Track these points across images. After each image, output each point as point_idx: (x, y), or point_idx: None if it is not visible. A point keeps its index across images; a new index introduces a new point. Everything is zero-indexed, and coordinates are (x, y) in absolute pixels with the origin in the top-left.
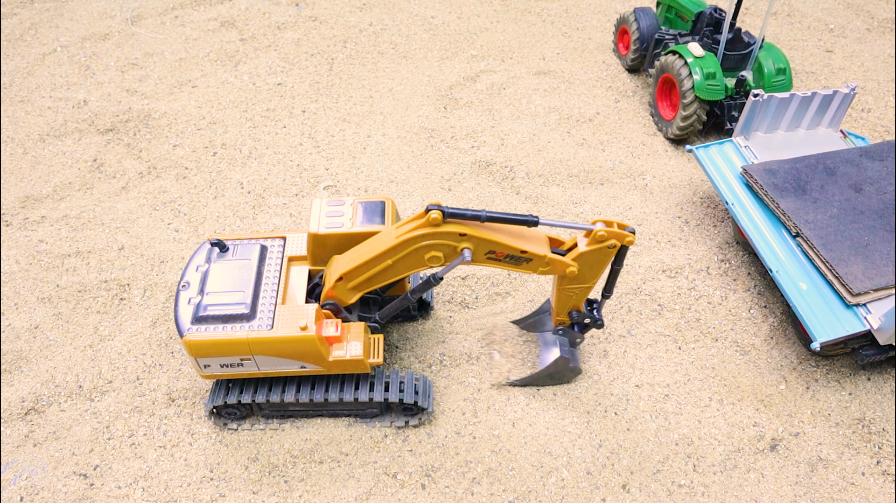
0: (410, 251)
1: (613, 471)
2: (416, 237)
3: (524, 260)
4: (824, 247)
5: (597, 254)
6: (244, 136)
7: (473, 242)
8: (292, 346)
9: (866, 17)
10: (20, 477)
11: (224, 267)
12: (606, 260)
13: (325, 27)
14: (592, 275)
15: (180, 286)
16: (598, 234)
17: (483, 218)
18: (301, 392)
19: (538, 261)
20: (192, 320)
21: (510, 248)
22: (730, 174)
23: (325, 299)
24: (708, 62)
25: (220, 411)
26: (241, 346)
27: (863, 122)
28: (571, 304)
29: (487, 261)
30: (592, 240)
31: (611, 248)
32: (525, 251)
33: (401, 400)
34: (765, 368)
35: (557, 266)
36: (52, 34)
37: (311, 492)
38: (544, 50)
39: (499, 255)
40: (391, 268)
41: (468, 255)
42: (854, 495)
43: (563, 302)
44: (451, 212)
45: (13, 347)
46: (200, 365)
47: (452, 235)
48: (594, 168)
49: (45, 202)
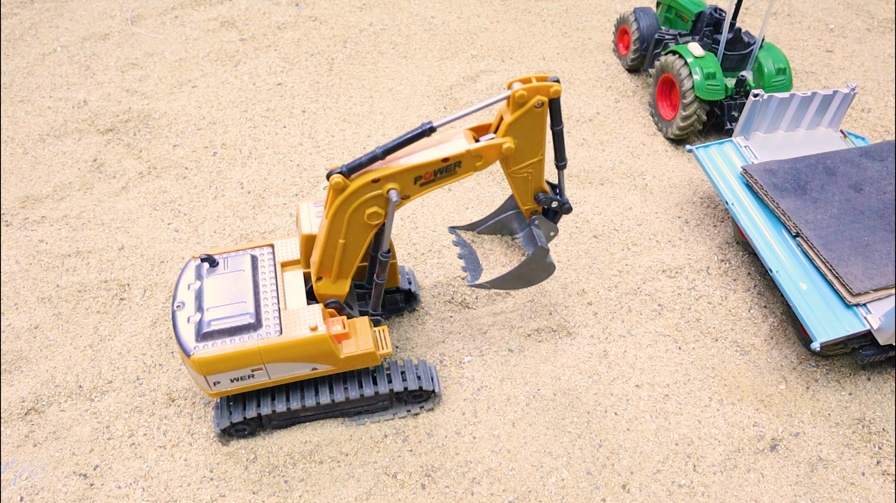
0: (347, 221)
1: (613, 471)
2: (338, 206)
3: (453, 166)
4: (824, 247)
5: (527, 120)
6: (244, 136)
7: (392, 180)
8: (305, 349)
9: (866, 17)
10: (20, 477)
11: (218, 281)
12: (540, 122)
13: (325, 27)
14: (535, 145)
15: (175, 307)
16: (517, 94)
17: (380, 154)
18: (313, 396)
19: (468, 159)
20: (197, 338)
21: (430, 164)
22: (730, 174)
23: (323, 299)
24: (708, 62)
25: (230, 430)
26: (252, 357)
27: (863, 122)
28: (533, 187)
29: (423, 189)
30: (514, 104)
31: (539, 108)
32: (447, 157)
33: (406, 388)
34: (765, 368)
35: (491, 151)
36: (52, 34)
37: (311, 492)
38: (544, 50)
39: (428, 177)
40: (348, 245)
41: (395, 195)
42: (854, 495)
43: (522, 188)
44: (350, 166)
45: (13, 347)
46: (209, 383)
47: (367, 186)
48: (594, 168)
49: (45, 202)
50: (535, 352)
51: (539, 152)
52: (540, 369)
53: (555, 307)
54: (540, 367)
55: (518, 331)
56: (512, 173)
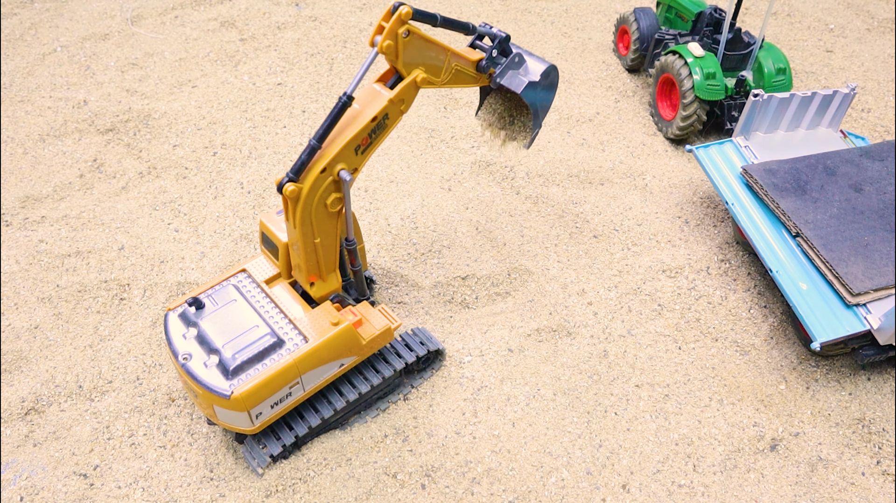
0: (314, 219)
1: (613, 471)
2: (302, 211)
3: (381, 121)
4: (824, 247)
5: (410, 49)
6: (244, 136)
7: (336, 161)
8: (335, 346)
9: (866, 17)
10: (20, 477)
11: (217, 318)
12: (422, 42)
13: (325, 27)
14: (436, 55)
15: (182, 360)
16: (384, 46)
17: (315, 144)
18: (338, 398)
19: (392, 108)
20: (227, 377)
21: (362, 129)
22: (730, 174)
23: (323, 299)
24: (708, 62)
25: (276, 459)
26: (290, 371)
27: (863, 122)
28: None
29: (365, 156)
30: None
31: (407, 37)
32: (374, 116)
33: (417, 357)
34: (765, 368)
35: (409, 91)
36: (52, 34)
37: (311, 492)
38: (544, 50)
39: (365, 142)
40: (324, 241)
41: (346, 175)
42: (854, 495)
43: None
44: (295, 169)
45: (13, 347)
46: (252, 417)
47: (318, 179)
48: (594, 168)
49: (45, 202)
50: (535, 352)
51: (444, 56)
52: (540, 369)
53: (555, 307)
54: (540, 367)
55: (518, 331)
56: (445, 84)
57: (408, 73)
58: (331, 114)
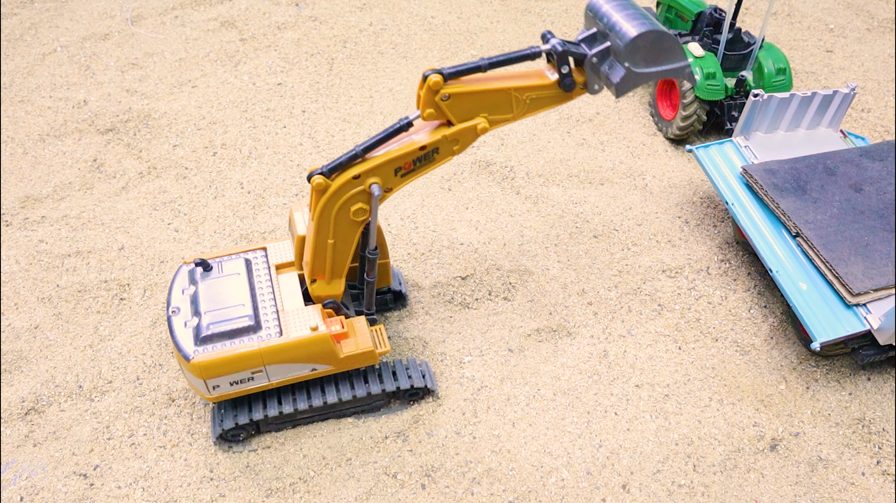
0: (333, 220)
1: (613, 471)
2: (323, 206)
3: (431, 152)
4: (824, 247)
5: (458, 107)
6: (244, 136)
7: (373, 174)
8: (306, 349)
9: (866, 17)
10: (20, 477)
11: (214, 285)
12: (469, 96)
13: (325, 27)
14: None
15: (170, 312)
16: (425, 115)
17: (359, 152)
18: (306, 399)
19: (444, 144)
20: (196, 342)
21: (408, 154)
22: (730, 174)
23: (319, 300)
24: (708, 62)
25: (228, 434)
26: (253, 359)
27: (863, 122)
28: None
29: (404, 179)
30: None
31: (446, 100)
32: (424, 145)
33: (398, 387)
34: (765, 368)
35: (466, 134)
36: (52, 34)
37: (311, 492)
38: None
39: (408, 167)
40: (337, 245)
41: (377, 190)
42: (854, 495)
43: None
44: (331, 166)
45: (13, 347)
46: (209, 387)
47: (348, 184)
48: (594, 168)
49: (45, 202)
50: (535, 352)
51: (506, 96)
52: (540, 369)
53: (555, 307)
54: (540, 367)
55: (518, 331)
56: (526, 114)
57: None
58: (385, 130)
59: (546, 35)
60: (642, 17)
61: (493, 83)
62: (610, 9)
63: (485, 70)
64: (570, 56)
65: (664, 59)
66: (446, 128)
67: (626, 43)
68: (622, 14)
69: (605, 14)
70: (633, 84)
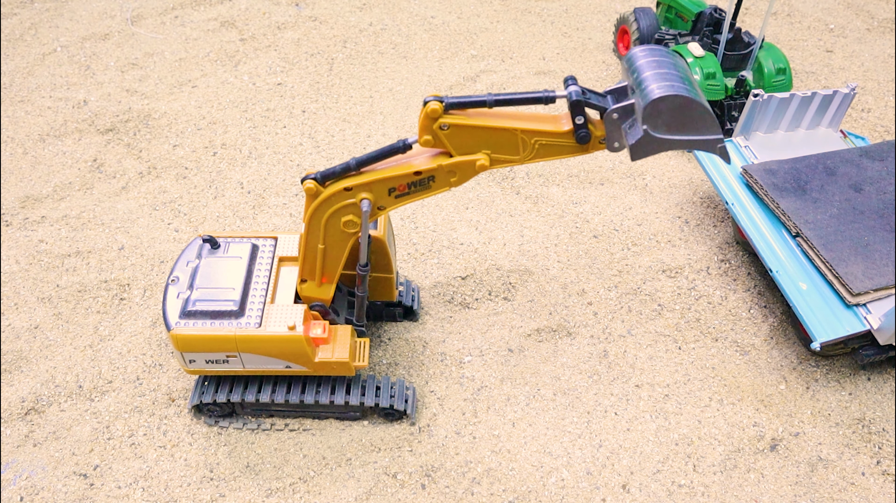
0: (324, 228)
1: (613, 471)
2: (313, 212)
3: (427, 180)
4: (824, 247)
5: (456, 138)
6: (244, 136)
7: (366, 189)
8: (279, 346)
9: (866, 17)
10: (20, 477)
11: (214, 263)
12: (469, 132)
13: (325, 27)
14: (496, 140)
15: (169, 280)
16: (422, 142)
17: (353, 165)
18: (282, 393)
19: (441, 174)
20: (180, 314)
21: (402, 176)
22: (730, 174)
23: (308, 301)
24: (708, 62)
25: (203, 408)
26: (227, 343)
27: (863, 122)
28: (564, 142)
29: (398, 201)
30: (436, 144)
31: (445, 129)
32: (420, 171)
33: (377, 404)
34: (765, 368)
35: (465, 168)
36: (52, 34)
37: (311, 492)
38: (544, 50)
39: (402, 189)
40: (328, 251)
41: (366, 205)
42: (854, 495)
43: (559, 151)
44: (324, 173)
45: (13, 347)
46: (185, 360)
47: (340, 195)
48: (594, 168)
49: (45, 202)
50: (535, 352)
51: (513, 136)
52: (540, 369)
53: (555, 307)
54: (540, 367)
55: (518, 331)
56: (533, 159)
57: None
58: (382, 148)
59: (568, 80)
60: (676, 78)
61: (497, 120)
62: (644, 63)
63: (490, 106)
64: (589, 107)
65: (691, 129)
66: (446, 157)
67: (646, 104)
68: (654, 72)
69: (638, 68)
70: (651, 150)
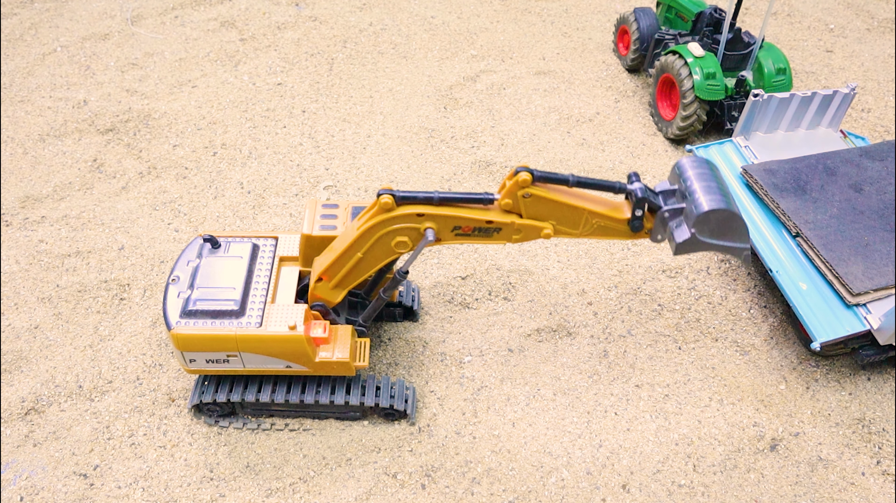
0: (375, 240)
1: (613, 471)
2: (374, 225)
3: (493, 230)
4: (824, 247)
5: (533, 208)
6: (244, 136)
7: (434, 220)
8: (279, 345)
9: (866, 17)
10: (20, 477)
11: (215, 263)
12: (546, 202)
13: (325, 27)
14: (565, 214)
15: (170, 280)
16: (502, 204)
17: (436, 200)
18: (285, 393)
19: (508, 229)
20: (181, 314)
21: (475, 220)
22: (730, 174)
23: (312, 300)
24: (708, 62)
25: (203, 408)
26: (228, 342)
27: (863, 122)
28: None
29: (456, 238)
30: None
31: (528, 198)
32: (491, 221)
33: (377, 404)
34: (765, 368)
35: (532, 231)
36: (52, 34)
37: (311, 492)
38: (544, 50)
39: (466, 230)
40: (363, 260)
41: (431, 235)
42: (854, 495)
43: (610, 232)
44: (403, 195)
45: (13, 347)
46: (186, 359)
47: (410, 217)
48: (594, 168)
49: (45, 202)
50: (535, 352)
51: (578, 214)
52: (540, 369)
53: (555, 307)
54: (540, 367)
55: (518, 331)
56: (589, 236)
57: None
58: (469, 193)
59: (632, 176)
60: (721, 193)
61: (572, 199)
62: (693, 175)
63: (570, 185)
64: (647, 203)
65: (728, 237)
66: (516, 216)
67: (699, 213)
68: (703, 184)
69: (688, 179)
70: (693, 249)
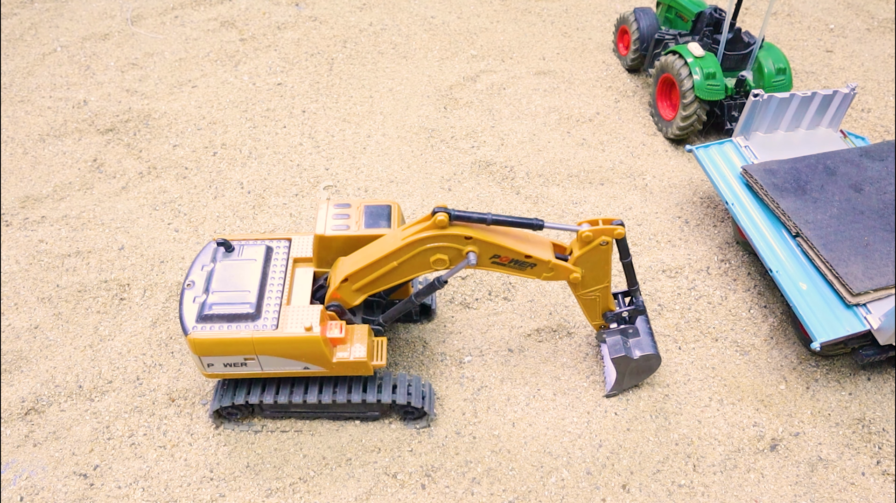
0: (416, 253)
1: (613, 471)
2: (423, 239)
3: (528, 265)
4: (824, 247)
5: (593, 255)
6: (244, 136)
7: (479, 246)
8: (296, 347)
9: (866, 17)
10: (20, 477)
11: (230, 266)
12: (605, 257)
13: (325, 27)
14: (601, 274)
15: (185, 285)
16: (582, 235)
17: (489, 221)
18: (306, 393)
19: (542, 267)
20: (197, 319)
21: (515, 253)
22: (730, 174)
23: (330, 301)
24: (708, 62)
25: (223, 412)
26: (245, 346)
27: (863, 122)
28: (601, 307)
29: (492, 266)
30: (581, 242)
31: (604, 245)
32: (530, 256)
33: (394, 401)
34: (765, 368)
35: (561, 271)
36: (52, 34)
37: (311, 492)
38: (544, 50)
39: (503, 260)
40: (396, 270)
41: (473, 259)
42: (854, 495)
43: (590, 308)
44: (458, 214)
45: (13, 347)
46: (204, 364)
47: (458, 238)
48: (594, 168)
49: (45, 202)
50: (535, 352)
51: (605, 280)
52: (540, 369)
53: (555, 307)
54: (540, 367)
55: (518, 331)
56: (580, 295)
57: (573, 264)
58: (520, 217)
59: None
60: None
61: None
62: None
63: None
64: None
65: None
66: (555, 257)
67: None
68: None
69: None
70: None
